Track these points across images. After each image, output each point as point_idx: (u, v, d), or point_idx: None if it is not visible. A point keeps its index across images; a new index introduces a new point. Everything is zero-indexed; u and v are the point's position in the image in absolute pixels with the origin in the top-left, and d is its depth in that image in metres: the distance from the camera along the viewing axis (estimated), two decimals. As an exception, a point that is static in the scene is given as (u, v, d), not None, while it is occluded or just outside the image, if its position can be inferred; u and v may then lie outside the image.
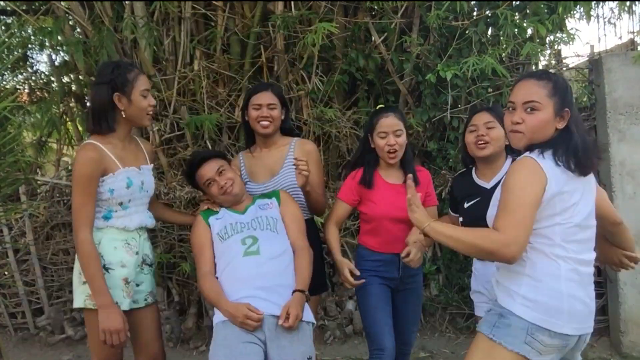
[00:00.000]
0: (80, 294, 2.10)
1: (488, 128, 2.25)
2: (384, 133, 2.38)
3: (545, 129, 1.67)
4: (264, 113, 2.48)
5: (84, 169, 2.05)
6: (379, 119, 2.42)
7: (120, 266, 2.12)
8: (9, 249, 4.13)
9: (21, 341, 4.14)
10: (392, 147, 2.37)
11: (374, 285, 2.40)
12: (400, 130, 2.40)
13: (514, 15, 3.50)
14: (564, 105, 1.67)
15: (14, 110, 3.84)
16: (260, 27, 3.74)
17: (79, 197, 2.04)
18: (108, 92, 2.10)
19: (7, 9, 4.08)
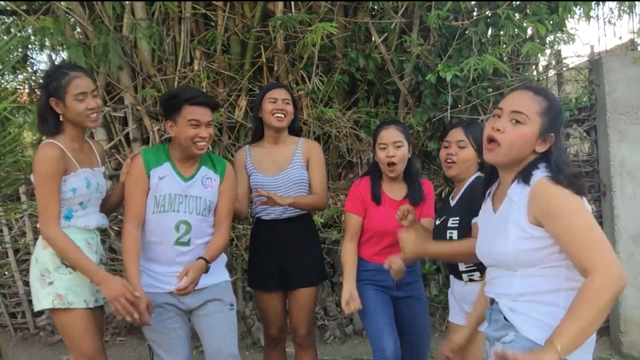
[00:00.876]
0: (46, 295, 2.09)
1: (459, 147, 2.17)
2: (383, 144, 2.37)
3: (524, 146, 1.51)
4: (280, 106, 2.57)
5: (47, 167, 2.05)
6: (380, 131, 2.43)
7: None
8: (9, 249, 4.14)
9: (21, 341, 4.14)
10: (391, 158, 2.35)
11: (371, 291, 2.41)
12: (400, 142, 2.38)
13: (514, 15, 3.50)
14: (551, 128, 1.52)
15: (14, 110, 3.84)
16: (260, 27, 3.74)
17: (44, 195, 2.05)
18: (45, 97, 2.13)
19: (7, 9, 4.08)
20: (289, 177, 2.59)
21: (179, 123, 2.21)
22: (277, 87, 2.71)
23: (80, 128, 2.19)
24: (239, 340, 3.91)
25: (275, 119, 2.57)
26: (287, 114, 2.60)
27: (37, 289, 2.11)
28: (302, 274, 2.61)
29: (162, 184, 2.25)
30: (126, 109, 3.93)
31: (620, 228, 3.63)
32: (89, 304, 2.13)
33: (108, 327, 4.12)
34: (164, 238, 2.23)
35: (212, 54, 3.84)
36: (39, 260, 2.13)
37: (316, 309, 4.04)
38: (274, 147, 2.66)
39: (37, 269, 2.12)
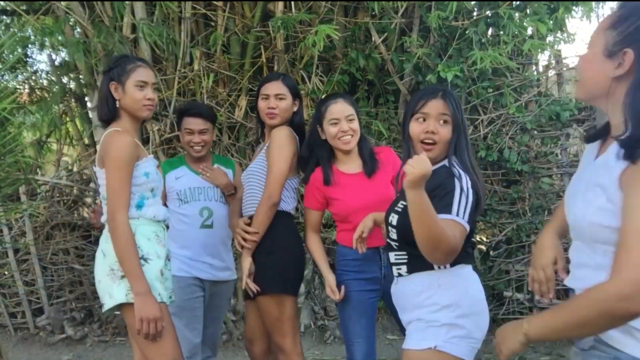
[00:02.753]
0: (121, 289, 1.94)
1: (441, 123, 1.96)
2: (335, 119, 2.22)
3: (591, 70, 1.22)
4: (271, 104, 2.35)
5: (124, 152, 1.97)
6: (328, 106, 2.26)
7: (156, 257, 2.03)
8: (9, 249, 4.14)
9: (21, 341, 4.14)
10: (346, 132, 2.21)
11: (353, 293, 2.25)
12: (352, 115, 2.24)
13: (514, 14, 3.50)
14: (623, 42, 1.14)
15: (14, 110, 3.84)
16: (260, 27, 3.74)
17: (118, 180, 1.96)
18: (107, 81, 2.10)
19: (7, 9, 4.08)
20: (250, 170, 2.42)
21: (182, 131, 2.64)
22: (271, 81, 2.43)
23: (135, 119, 2.12)
24: (239, 340, 3.92)
25: (267, 117, 2.37)
26: (280, 111, 2.35)
27: (108, 284, 1.97)
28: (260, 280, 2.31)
29: (180, 182, 2.59)
30: (126, 109, 3.93)
31: (620, 228, 3.62)
32: (163, 299, 1.99)
33: (108, 327, 4.12)
34: (192, 223, 2.54)
35: (212, 54, 3.84)
36: (107, 254, 1.98)
37: (316, 309, 4.04)
38: (264, 142, 2.48)
39: (106, 263, 1.98)
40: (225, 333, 3.88)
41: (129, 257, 1.92)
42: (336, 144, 2.24)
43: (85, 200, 4.35)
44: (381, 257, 2.23)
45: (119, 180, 1.97)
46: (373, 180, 2.25)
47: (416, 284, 1.72)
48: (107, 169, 1.99)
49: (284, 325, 2.32)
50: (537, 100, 3.86)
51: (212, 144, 2.74)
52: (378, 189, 2.22)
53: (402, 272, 1.76)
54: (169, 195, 2.61)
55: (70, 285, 4.17)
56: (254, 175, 2.39)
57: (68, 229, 4.12)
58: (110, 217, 1.95)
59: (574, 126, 3.93)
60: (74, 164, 4.57)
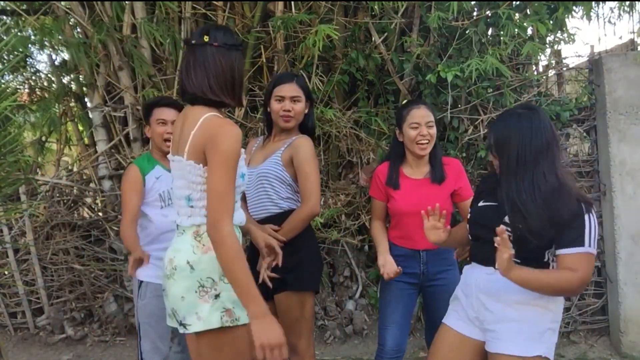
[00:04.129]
0: (214, 310, 1.65)
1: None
2: (416, 124, 2.34)
3: None
4: (287, 107, 2.34)
5: (235, 148, 1.63)
6: (410, 110, 2.39)
7: None
8: (9, 249, 4.14)
9: (21, 341, 4.14)
10: (425, 137, 2.34)
11: (394, 282, 2.38)
12: (432, 122, 2.38)
13: (514, 15, 3.50)
14: None
15: (15, 110, 3.84)
16: (260, 27, 3.74)
17: (225, 180, 1.61)
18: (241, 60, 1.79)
19: (7, 9, 4.08)
20: (257, 172, 2.36)
21: (150, 125, 2.55)
22: (287, 82, 2.39)
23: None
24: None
25: (282, 120, 2.36)
26: (296, 114, 2.36)
27: (196, 304, 1.66)
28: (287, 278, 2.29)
29: (161, 182, 2.48)
30: (126, 109, 3.93)
31: (620, 228, 3.63)
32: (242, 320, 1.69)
33: (108, 327, 4.12)
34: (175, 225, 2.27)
35: (212, 54, 3.83)
36: (196, 268, 1.67)
37: (316, 309, 4.04)
38: (273, 142, 2.45)
39: (194, 278, 1.67)
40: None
41: (241, 274, 1.58)
42: (413, 147, 2.37)
43: (85, 201, 4.35)
44: (420, 256, 2.39)
45: (226, 181, 1.62)
46: (435, 189, 2.38)
47: None
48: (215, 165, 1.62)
49: (302, 325, 2.33)
50: (537, 100, 3.86)
51: None
52: (436, 198, 2.33)
53: None
54: (149, 196, 2.48)
55: (70, 285, 4.17)
56: (266, 178, 2.34)
57: (68, 229, 4.12)
58: (215, 225, 1.59)
59: (573, 126, 3.93)
60: (74, 164, 4.57)
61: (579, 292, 1.72)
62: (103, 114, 4.08)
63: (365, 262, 4.21)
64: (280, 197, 2.36)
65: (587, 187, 3.85)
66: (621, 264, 3.63)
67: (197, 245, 1.69)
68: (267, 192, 2.36)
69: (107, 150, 4.10)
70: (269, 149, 2.44)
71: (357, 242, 4.00)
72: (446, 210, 2.26)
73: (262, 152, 2.46)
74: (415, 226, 2.29)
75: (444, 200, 2.38)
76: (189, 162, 1.68)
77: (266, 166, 2.36)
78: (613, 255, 3.66)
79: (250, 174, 2.40)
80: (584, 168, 3.86)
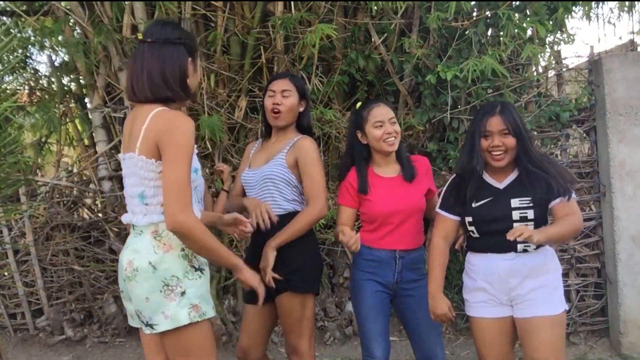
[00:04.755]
0: (181, 308, 1.67)
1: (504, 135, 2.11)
2: (379, 122, 2.30)
3: None
4: (277, 100, 2.34)
5: (190, 139, 1.64)
6: (371, 110, 2.34)
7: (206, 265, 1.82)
8: (8, 250, 4.14)
9: (21, 342, 4.14)
10: (391, 134, 2.30)
11: (367, 292, 2.34)
12: (394, 118, 2.34)
13: (514, 15, 3.50)
14: None
15: (15, 111, 3.84)
16: (260, 28, 3.75)
17: (183, 172, 1.61)
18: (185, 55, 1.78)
19: (6, 10, 4.08)
20: (261, 173, 2.35)
21: None
22: (278, 78, 2.42)
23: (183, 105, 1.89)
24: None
25: (272, 116, 2.36)
26: (285, 109, 2.34)
27: (162, 303, 1.66)
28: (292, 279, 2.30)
29: None
30: (126, 110, 3.93)
31: (620, 229, 3.63)
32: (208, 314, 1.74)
33: (108, 328, 4.12)
34: None
35: (212, 54, 3.84)
36: (159, 267, 1.67)
37: (316, 310, 4.04)
38: (272, 144, 2.44)
39: (158, 278, 1.66)
40: (225, 334, 3.88)
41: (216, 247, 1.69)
42: (380, 146, 2.33)
43: (85, 202, 4.35)
44: (396, 262, 2.33)
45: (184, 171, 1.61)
46: (409, 187, 2.34)
47: (540, 257, 2.15)
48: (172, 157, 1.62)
49: (303, 326, 2.33)
50: (536, 100, 3.86)
51: None
52: (412, 196, 2.33)
53: (529, 249, 2.13)
54: None
55: (70, 286, 4.17)
56: (271, 180, 2.33)
57: (68, 230, 4.12)
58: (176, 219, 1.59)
59: (573, 127, 3.93)
60: (73, 165, 4.57)
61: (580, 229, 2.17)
62: (103, 115, 4.08)
63: (365, 263, 4.20)
64: (285, 199, 2.35)
65: (586, 188, 3.84)
66: (621, 265, 3.62)
67: (158, 244, 1.69)
68: (272, 194, 2.34)
69: (107, 151, 4.10)
70: (271, 150, 2.41)
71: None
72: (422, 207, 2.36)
73: (263, 153, 2.44)
74: (394, 225, 2.31)
75: (421, 197, 2.35)
76: (141, 158, 1.66)
77: (271, 168, 2.34)
78: (613, 257, 3.66)
79: (253, 175, 2.40)
80: (583, 169, 3.85)
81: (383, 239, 2.34)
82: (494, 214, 2.13)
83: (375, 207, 2.34)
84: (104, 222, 4.06)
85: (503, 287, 2.14)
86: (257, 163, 2.42)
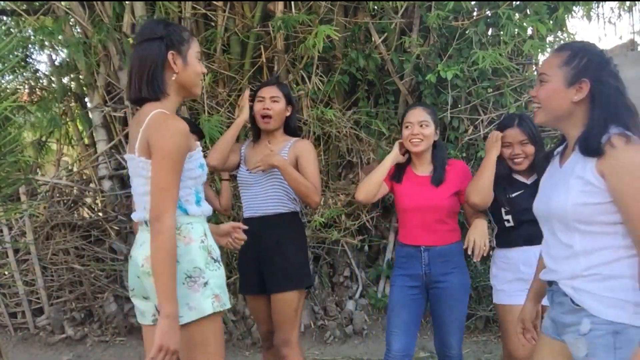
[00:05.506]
0: (206, 298, 1.68)
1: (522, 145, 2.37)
2: (409, 123, 2.44)
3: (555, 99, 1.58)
4: (266, 105, 2.50)
5: (178, 142, 1.65)
6: (407, 111, 2.52)
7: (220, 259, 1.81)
8: (9, 249, 4.14)
9: (21, 341, 4.14)
10: (415, 136, 2.42)
11: (396, 287, 2.49)
12: (426, 122, 2.43)
13: (514, 15, 3.50)
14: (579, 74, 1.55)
15: (15, 110, 3.83)
16: (260, 27, 3.74)
17: (168, 175, 1.63)
18: (161, 50, 1.74)
19: (6, 9, 4.08)
20: (270, 173, 2.50)
21: None
22: (268, 85, 2.61)
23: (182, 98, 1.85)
24: (239, 340, 3.92)
25: (262, 121, 2.53)
26: (274, 113, 2.50)
27: (186, 295, 1.67)
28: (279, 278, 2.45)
29: None
30: (126, 109, 3.93)
31: (620, 228, 3.62)
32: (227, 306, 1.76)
33: (108, 327, 4.12)
34: None
35: (212, 54, 3.84)
36: (182, 260, 1.67)
37: (316, 309, 4.04)
38: (266, 145, 2.58)
39: (181, 271, 1.67)
40: (226, 333, 3.88)
41: (168, 271, 1.60)
42: (407, 145, 2.48)
43: (85, 201, 4.35)
44: (422, 255, 2.43)
45: (168, 175, 1.64)
46: (436, 189, 2.46)
47: None
48: (157, 161, 1.64)
49: (295, 319, 2.49)
50: (537, 100, 3.86)
51: None
52: (436, 197, 2.45)
53: None
54: None
55: (70, 285, 4.17)
56: (278, 179, 2.49)
57: (68, 229, 4.12)
58: (156, 218, 1.61)
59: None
60: (74, 164, 4.57)
61: None
62: (103, 114, 4.08)
63: (365, 262, 4.21)
64: (289, 198, 2.52)
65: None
66: (621, 264, 3.62)
67: (179, 238, 1.68)
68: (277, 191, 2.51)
69: (107, 151, 4.10)
70: (266, 151, 2.52)
71: (357, 242, 4.00)
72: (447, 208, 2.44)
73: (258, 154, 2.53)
74: (416, 222, 2.44)
75: (445, 199, 2.43)
76: (140, 159, 1.69)
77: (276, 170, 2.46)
78: (613, 255, 3.66)
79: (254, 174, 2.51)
80: (584, 168, 3.85)
81: (409, 235, 2.48)
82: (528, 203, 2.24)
83: (401, 197, 2.50)
84: (104, 221, 4.06)
85: None
86: (253, 163, 2.50)
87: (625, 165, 1.40)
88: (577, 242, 1.49)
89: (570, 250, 1.51)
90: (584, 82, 1.54)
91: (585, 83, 1.54)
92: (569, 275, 1.51)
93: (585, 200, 1.46)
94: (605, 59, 1.61)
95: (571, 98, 1.55)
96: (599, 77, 1.56)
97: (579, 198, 1.47)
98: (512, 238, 2.41)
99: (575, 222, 1.49)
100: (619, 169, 1.40)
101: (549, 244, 1.61)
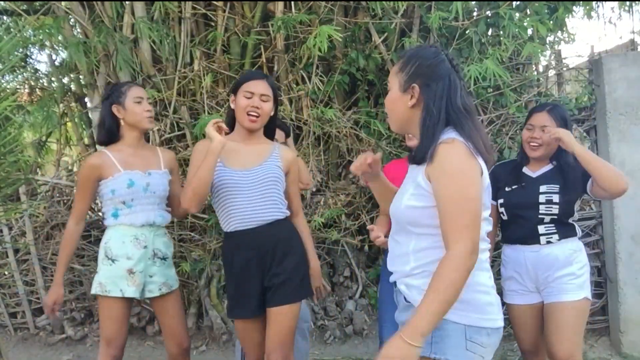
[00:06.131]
0: (94, 282, 2.48)
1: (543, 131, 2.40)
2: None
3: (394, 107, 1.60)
4: (255, 103, 2.22)
5: (82, 172, 2.48)
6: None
7: (125, 258, 2.43)
8: (9, 249, 4.14)
9: (21, 341, 4.14)
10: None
11: (386, 282, 2.37)
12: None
13: (514, 15, 3.50)
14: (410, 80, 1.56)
15: (15, 110, 3.83)
16: (260, 28, 3.74)
17: (77, 194, 2.51)
18: (108, 106, 2.49)
19: (6, 9, 4.08)
20: (265, 171, 2.23)
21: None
22: (257, 79, 2.27)
23: (139, 132, 2.53)
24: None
25: (248, 119, 2.23)
26: (263, 113, 2.25)
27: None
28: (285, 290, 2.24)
29: None
30: (126, 109, 3.92)
31: (620, 228, 3.63)
32: (125, 294, 2.42)
33: (108, 327, 4.11)
34: None
35: (212, 54, 3.84)
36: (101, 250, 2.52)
37: (316, 309, 4.04)
38: (246, 146, 2.30)
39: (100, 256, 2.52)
40: (226, 333, 3.88)
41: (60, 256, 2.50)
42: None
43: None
44: None
45: (77, 194, 2.51)
46: None
47: (566, 248, 2.39)
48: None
49: (293, 334, 2.29)
50: (537, 100, 3.86)
51: None
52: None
53: (552, 240, 2.38)
54: None
55: (70, 285, 4.17)
56: (274, 183, 2.26)
57: (68, 229, 4.11)
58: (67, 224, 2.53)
59: (574, 126, 3.93)
60: (73, 164, 4.57)
61: None
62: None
63: (365, 262, 4.20)
64: (282, 203, 2.31)
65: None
66: (621, 264, 3.63)
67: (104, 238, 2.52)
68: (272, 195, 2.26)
69: (107, 151, 4.10)
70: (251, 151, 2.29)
71: (357, 242, 4.00)
72: None
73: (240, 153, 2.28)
74: None
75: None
76: None
77: (272, 169, 2.26)
78: (613, 256, 3.66)
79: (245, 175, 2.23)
80: (584, 168, 3.85)
81: None
82: (522, 198, 2.40)
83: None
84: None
85: (530, 277, 2.42)
86: (243, 163, 2.25)
87: (445, 168, 1.43)
88: (410, 242, 1.55)
89: (403, 250, 1.57)
90: (414, 88, 1.55)
91: (415, 88, 1.55)
92: (403, 274, 1.58)
93: (415, 203, 1.51)
94: (435, 62, 1.57)
95: (407, 104, 1.56)
96: (427, 82, 1.54)
97: (409, 201, 1.53)
98: (507, 234, 2.53)
99: (407, 224, 1.55)
100: (440, 172, 1.44)
101: (391, 246, 1.66)
